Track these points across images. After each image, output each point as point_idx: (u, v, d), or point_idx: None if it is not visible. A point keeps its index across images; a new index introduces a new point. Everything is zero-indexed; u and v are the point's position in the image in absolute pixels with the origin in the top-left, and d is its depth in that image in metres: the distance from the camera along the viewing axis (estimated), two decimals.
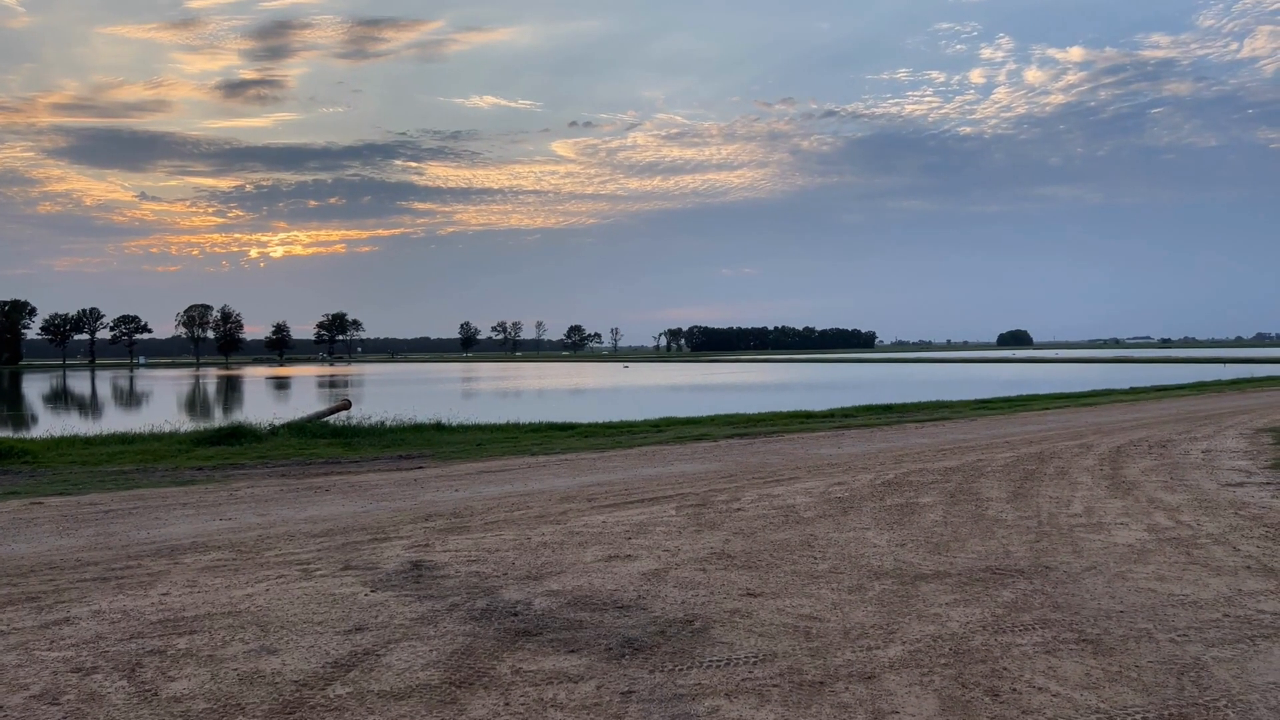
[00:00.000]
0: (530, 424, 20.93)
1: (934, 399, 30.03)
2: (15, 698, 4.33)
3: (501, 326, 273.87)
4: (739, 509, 9.27)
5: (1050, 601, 5.81)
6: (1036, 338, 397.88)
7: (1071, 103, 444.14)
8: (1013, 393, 34.42)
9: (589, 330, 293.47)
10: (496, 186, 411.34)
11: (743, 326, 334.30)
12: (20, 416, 42.50)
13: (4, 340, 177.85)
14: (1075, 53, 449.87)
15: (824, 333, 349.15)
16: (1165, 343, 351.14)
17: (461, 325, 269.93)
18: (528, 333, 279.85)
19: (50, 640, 5.20)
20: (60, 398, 63.68)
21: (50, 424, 33.08)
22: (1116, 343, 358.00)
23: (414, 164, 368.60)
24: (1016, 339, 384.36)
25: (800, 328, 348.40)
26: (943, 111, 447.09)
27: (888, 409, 25.01)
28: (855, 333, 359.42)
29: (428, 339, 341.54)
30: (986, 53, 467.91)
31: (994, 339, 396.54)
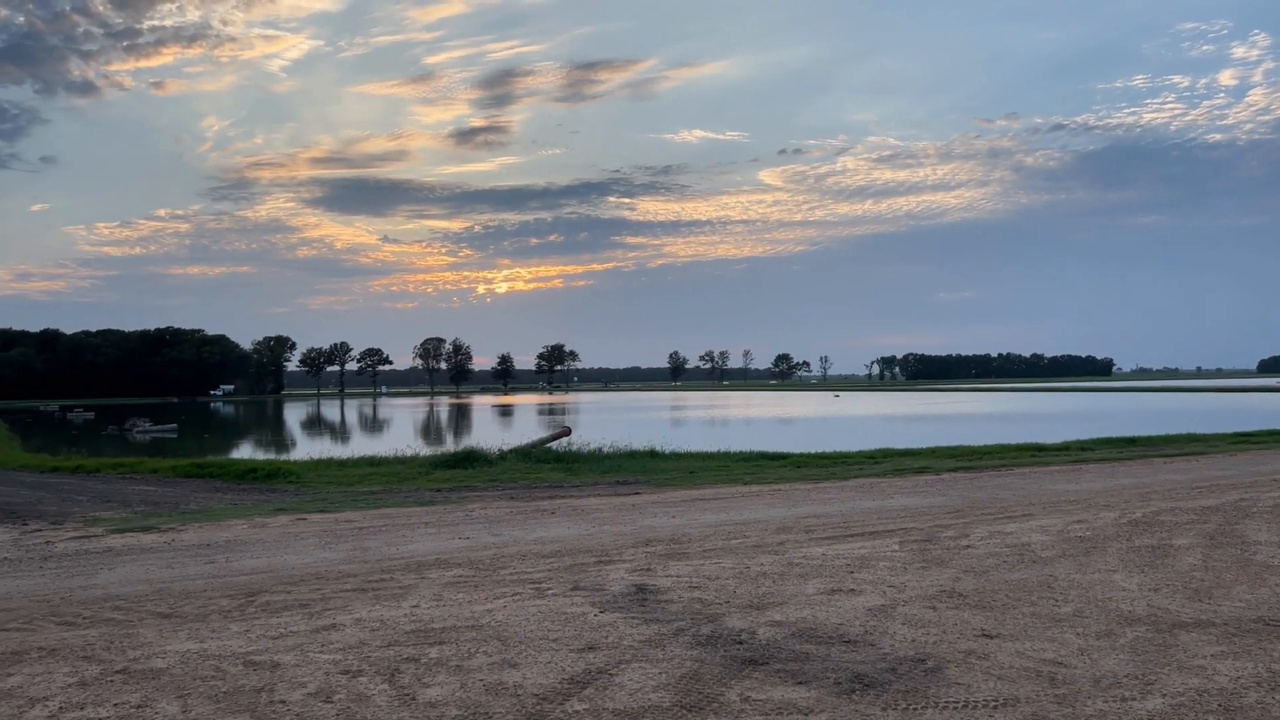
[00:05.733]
0: (740, 453, 20.94)
1: (1184, 431, 27.38)
2: (295, 694, 4.83)
3: (709, 356, 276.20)
4: (968, 546, 8.86)
5: None
6: None
7: None
8: (1279, 425, 30.80)
9: (797, 359, 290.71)
10: (705, 218, 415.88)
11: (963, 353, 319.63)
12: (284, 440, 47.36)
13: (270, 372, 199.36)
14: None
15: (1054, 359, 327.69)
16: None
17: (670, 355, 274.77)
18: (735, 361, 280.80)
19: (321, 644, 5.76)
20: (316, 424, 70.34)
21: (309, 447, 36.64)
22: None
23: (626, 200, 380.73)
24: None
25: (1027, 354, 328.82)
26: (1187, 118, 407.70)
27: (1130, 441, 23.06)
28: (1089, 359, 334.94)
29: (638, 368, 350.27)
30: (1239, 51, 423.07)
31: (1254, 365, 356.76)
